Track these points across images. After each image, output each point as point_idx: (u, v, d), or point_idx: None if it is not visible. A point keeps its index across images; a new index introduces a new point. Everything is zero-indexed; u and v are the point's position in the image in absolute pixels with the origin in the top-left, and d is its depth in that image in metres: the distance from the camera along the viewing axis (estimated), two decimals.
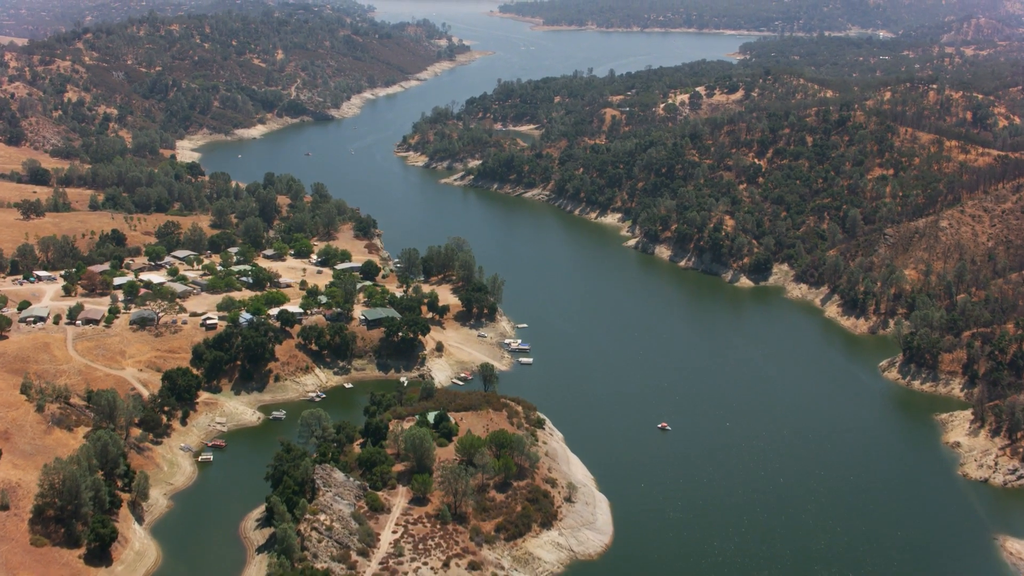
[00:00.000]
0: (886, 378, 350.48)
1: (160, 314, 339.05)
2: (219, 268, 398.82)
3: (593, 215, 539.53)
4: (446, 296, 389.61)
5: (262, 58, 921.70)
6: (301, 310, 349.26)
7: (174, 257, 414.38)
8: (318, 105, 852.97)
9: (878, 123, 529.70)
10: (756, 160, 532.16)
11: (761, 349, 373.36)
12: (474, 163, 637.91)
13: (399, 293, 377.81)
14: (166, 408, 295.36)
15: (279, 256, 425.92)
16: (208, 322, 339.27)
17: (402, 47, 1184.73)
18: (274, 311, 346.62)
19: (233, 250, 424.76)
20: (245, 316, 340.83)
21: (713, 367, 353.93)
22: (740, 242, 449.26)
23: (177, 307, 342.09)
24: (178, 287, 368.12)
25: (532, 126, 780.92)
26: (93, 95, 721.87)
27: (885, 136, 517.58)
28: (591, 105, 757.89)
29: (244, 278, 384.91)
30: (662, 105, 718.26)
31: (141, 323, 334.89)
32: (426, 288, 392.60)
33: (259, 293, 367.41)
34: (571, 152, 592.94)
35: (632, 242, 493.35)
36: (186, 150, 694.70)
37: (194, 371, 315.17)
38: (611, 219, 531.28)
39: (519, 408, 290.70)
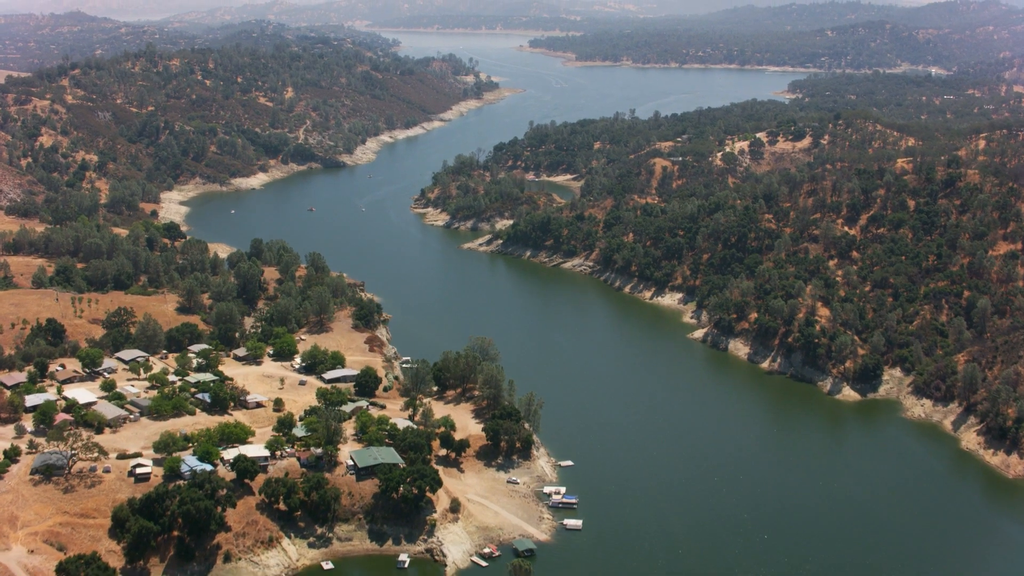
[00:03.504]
0: None
1: (74, 457, 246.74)
2: (171, 378, 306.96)
3: (647, 294, 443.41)
4: (465, 421, 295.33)
5: (269, 96, 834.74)
6: (267, 452, 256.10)
7: (118, 360, 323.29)
8: (328, 150, 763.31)
9: (997, 183, 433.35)
10: (847, 228, 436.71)
11: (880, 494, 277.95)
12: (503, 223, 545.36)
13: (403, 421, 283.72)
14: None
15: (254, 358, 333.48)
16: (139, 471, 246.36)
17: (425, 84, 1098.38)
18: (230, 453, 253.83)
19: (196, 349, 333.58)
20: (189, 462, 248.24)
21: (824, 525, 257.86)
22: (842, 342, 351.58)
23: (96, 449, 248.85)
24: (109, 411, 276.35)
25: (569, 176, 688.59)
26: (72, 139, 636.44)
27: (1008, 201, 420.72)
28: (636, 152, 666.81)
29: (201, 394, 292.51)
30: (719, 154, 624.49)
31: (46, 472, 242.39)
32: (439, 409, 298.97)
33: (217, 421, 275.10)
34: (618, 214, 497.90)
35: (699, 333, 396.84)
36: (173, 203, 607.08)
37: (110, 548, 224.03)
38: (670, 300, 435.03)
39: None
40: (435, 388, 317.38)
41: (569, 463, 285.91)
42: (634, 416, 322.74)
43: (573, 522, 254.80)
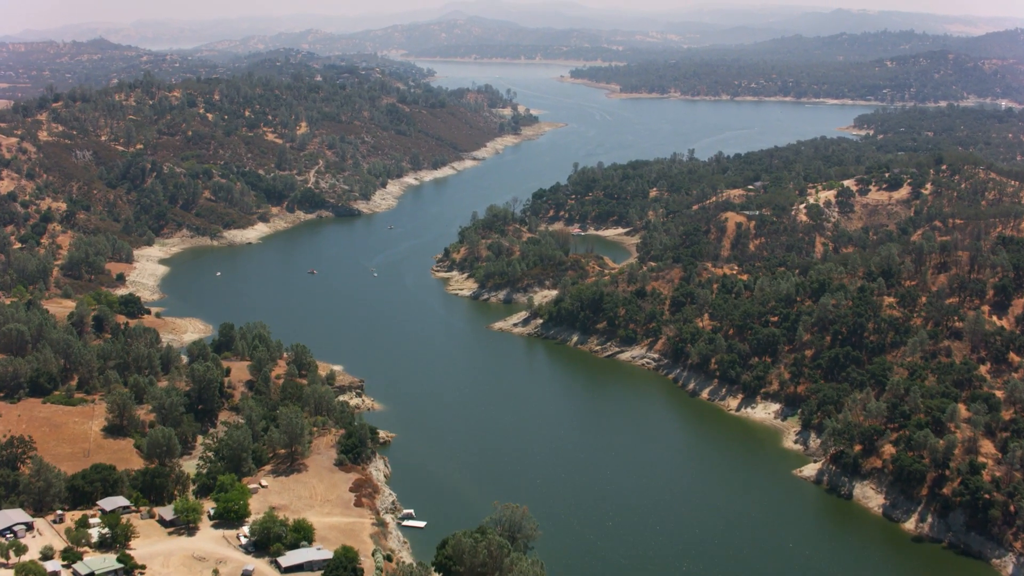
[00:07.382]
0: None
1: None
2: (51, 566, 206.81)
3: (732, 402, 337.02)
4: None
5: (279, 132, 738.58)
6: None
7: None
8: (342, 196, 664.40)
9: None
10: (995, 318, 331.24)
11: None
12: (543, 294, 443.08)
13: None
14: None
15: (185, 525, 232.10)
16: None
17: (457, 118, 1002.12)
18: None
19: (109, 505, 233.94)
20: None
21: None
22: None
23: None
24: None
25: (621, 230, 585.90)
26: (38, 184, 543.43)
27: None
28: (701, 203, 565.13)
29: None
30: (802, 206, 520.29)
31: None
32: None
33: None
34: (689, 289, 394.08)
35: (810, 470, 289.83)
36: (151, 261, 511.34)
37: None
38: (763, 412, 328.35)
39: None
40: None
41: None
42: None
43: None
